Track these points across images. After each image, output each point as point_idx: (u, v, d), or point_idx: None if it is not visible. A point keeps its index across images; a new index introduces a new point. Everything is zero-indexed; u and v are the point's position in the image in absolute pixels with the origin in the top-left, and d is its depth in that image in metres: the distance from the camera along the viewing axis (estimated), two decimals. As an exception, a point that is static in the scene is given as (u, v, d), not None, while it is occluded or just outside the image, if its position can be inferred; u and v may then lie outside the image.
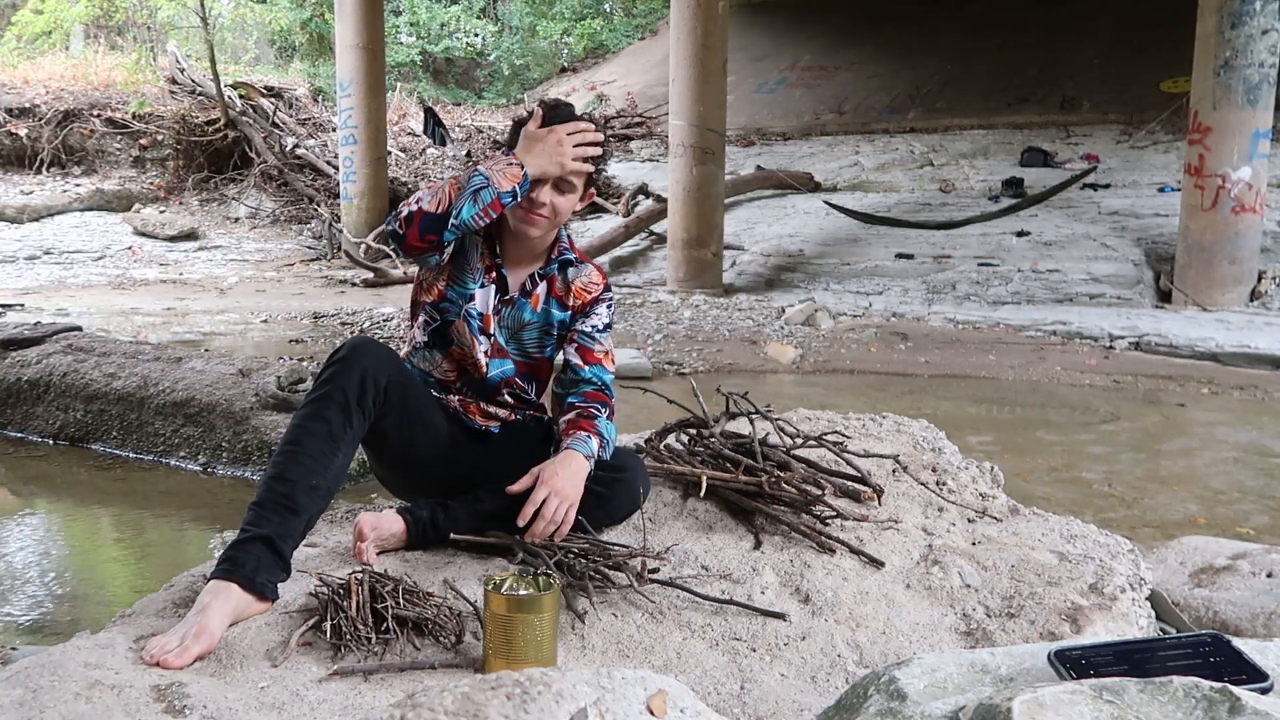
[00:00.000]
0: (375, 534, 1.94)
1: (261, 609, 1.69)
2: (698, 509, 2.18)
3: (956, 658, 1.05)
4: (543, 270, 2.13)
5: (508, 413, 2.17)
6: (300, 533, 1.80)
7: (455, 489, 2.07)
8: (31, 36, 14.20)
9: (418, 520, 1.99)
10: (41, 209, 11.35)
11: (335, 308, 7.86)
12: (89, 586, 2.71)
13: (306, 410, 1.86)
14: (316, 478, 1.79)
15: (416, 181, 11.97)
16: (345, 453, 1.85)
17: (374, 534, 1.94)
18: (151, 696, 1.38)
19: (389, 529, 1.97)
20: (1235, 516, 3.29)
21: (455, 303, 2.09)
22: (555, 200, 2.02)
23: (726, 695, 1.58)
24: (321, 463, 1.80)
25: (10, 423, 4.09)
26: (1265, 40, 7.25)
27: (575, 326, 2.15)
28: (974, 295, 8.17)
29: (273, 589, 1.71)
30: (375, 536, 1.94)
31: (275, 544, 1.72)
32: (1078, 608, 1.80)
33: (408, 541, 1.98)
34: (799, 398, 4.84)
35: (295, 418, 1.86)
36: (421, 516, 2.00)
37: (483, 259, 2.10)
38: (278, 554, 1.73)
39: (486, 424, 2.16)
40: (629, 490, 2.06)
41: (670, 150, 8.86)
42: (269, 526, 1.73)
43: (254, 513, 1.76)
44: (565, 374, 2.16)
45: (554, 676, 0.99)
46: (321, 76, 17.00)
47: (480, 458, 2.10)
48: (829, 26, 15.11)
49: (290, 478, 1.77)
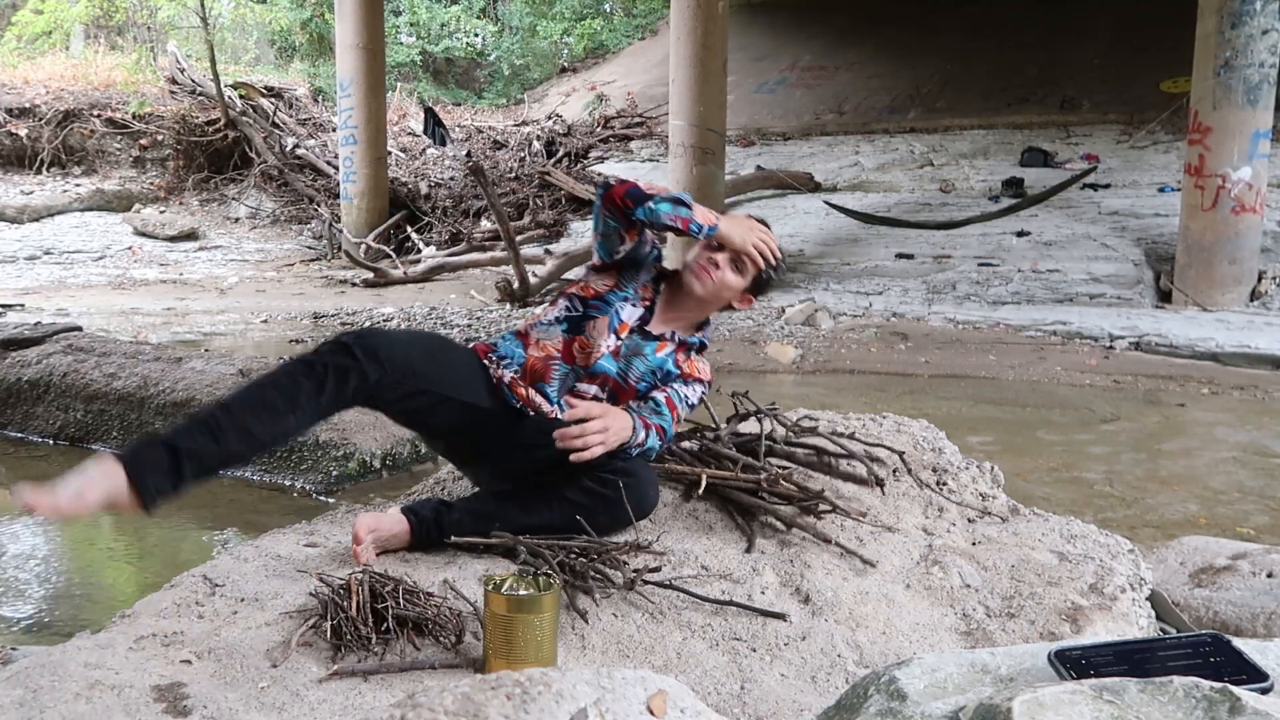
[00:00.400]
0: (374, 535, 1.93)
1: (129, 505, 1.68)
2: (698, 509, 2.18)
3: (957, 658, 1.05)
4: (685, 339, 2.28)
5: (551, 407, 2.15)
6: (211, 464, 1.79)
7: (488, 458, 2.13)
8: (32, 36, 14.21)
9: (421, 520, 1.98)
10: (42, 209, 11.35)
11: (335, 308, 7.87)
12: (89, 586, 2.71)
13: (287, 365, 1.89)
14: (258, 425, 1.79)
15: (416, 182, 11.97)
16: (299, 419, 1.86)
17: (372, 535, 1.92)
18: (151, 697, 1.39)
19: (389, 530, 1.96)
20: (1235, 516, 3.29)
21: (609, 304, 2.21)
22: (727, 272, 2.21)
23: (727, 695, 1.58)
24: (271, 414, 1.81)
25: (10, 423, 4.09)
26: (1265, 40, 7.25)
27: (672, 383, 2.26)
28: (974, 295, 8.17)
29: (152, 497, 1.69)
30: (374, 538, 1.93)
31: (180, 457, 1.71)
32: (1078, 608, 1.80)
33: (411, 542, 1.97)
34: (799, 398, 4.84)
35: (276, 365, 1.91)
36: (425, 516, 1.98)
37: (645, 288, 2.27)
38: (177, 468, 1.71)
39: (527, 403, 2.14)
40: (637, 494, 2.01)
41: (670, 150, 8.86)
42: (183, 439, 1.73)
43: (181, 421, 1.78)
44: None
45: (554, 676, 0.99)
46: (321, 76, 17.00)
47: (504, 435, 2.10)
48: (829, 26, 15.11)
49: (233, 411, 1.78)
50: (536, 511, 1.96)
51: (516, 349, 2.19)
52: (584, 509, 1.96)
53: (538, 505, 1.98)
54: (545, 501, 1.98)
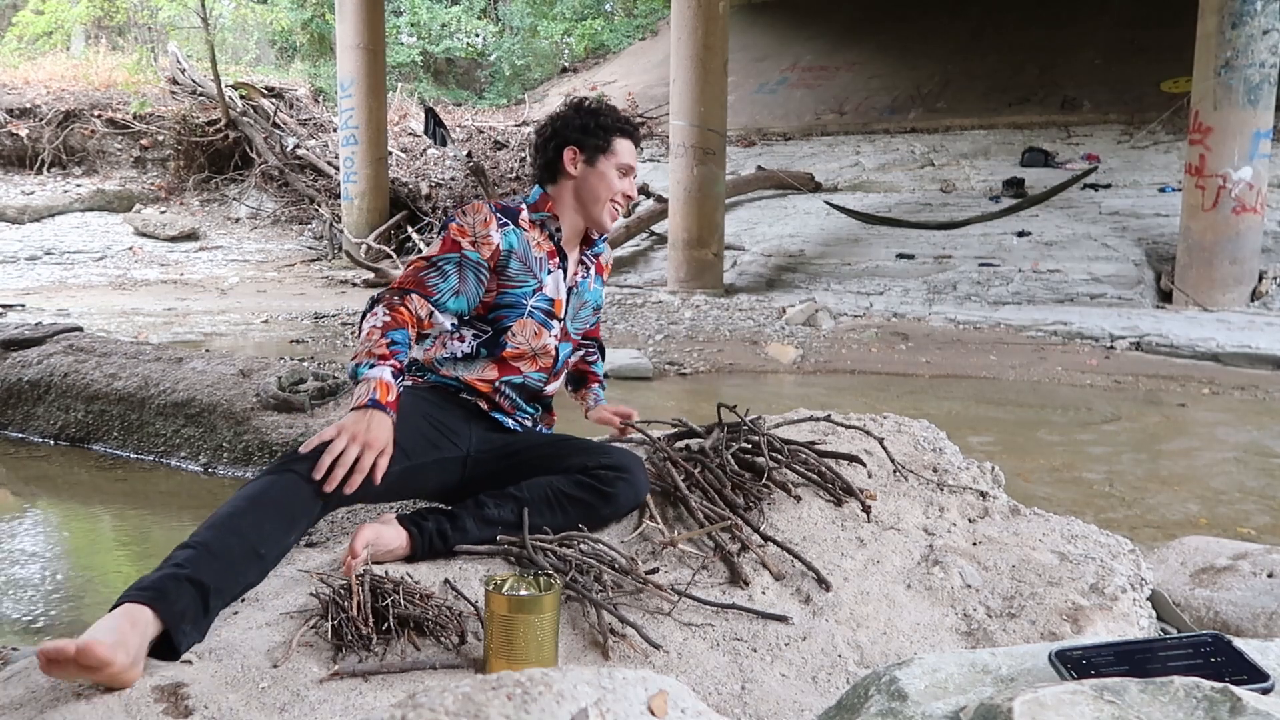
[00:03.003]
0: (371, 550, 1.83)
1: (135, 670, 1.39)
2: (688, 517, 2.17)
3: (957, 658, 1.05)
4: (595, 250, 2.33)
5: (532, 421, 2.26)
6: (228, 599, 1.62)
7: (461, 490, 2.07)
8: (32, 37, 14.23)
9: (423, 532, 1.90)
10: (42, 209, 11.36)
11: (336, 308, 7.87)
12: (89, 586, 2.70)
13: (282, 475, 1.77)
14: (265, 546, 1.68)
15: (417, 182, 11.97)
16: (295, 536, 1.79)
17: (368, 550, 1.82)
18: (152, 697, 1.38)
19: (388, 544, 1.86)
20: (1236, 516, 3.29)
21: (516, 305, 2.16)
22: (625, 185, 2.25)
23: (727, 695, 1.58)
24: (276, 534, 1.71)
25: (11, 423, 4.10)
26: (1266, 40, 7.25)
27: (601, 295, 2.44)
28: (975, 295, 8.17)
29: (185, 647, 1.49)
30: (371, 553, 1.83)
31: (208, 597, 1.54)
32: (1078, 608, 1.80)
33: (410, 554, 1.89)
34: (800, 398, 4.84)
35: (269, 474, 1.77)
36: (427, 528, 1.91)
37: (539, 247, 2.20)
38: (205, 609, 1.54)
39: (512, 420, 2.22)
40: (632, 488, 2.05)
41: (671, 150, 8.87)
42: (209, 575, 1.54)
43: (196, 552, 1.57)
44: None
45: (555, 676, 0.99)
46: (322, 77, 17.02)
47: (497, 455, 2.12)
48: (829, 26, 15.12)
49: (244, 533, 1.65)
50: (539, 512, 1.96)
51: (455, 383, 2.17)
52: (586, 505, 1.98)
53: (540, 506, 1.98)
54: (547, 501, 1.98)
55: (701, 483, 2.14)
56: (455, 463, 2.09)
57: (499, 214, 2.16)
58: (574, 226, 2.25)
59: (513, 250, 2.15)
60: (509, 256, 2.14)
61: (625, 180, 2.24)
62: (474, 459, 2.11)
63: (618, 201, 2.24)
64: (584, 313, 2.32)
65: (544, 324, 2.20)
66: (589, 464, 2.03)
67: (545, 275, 2.20)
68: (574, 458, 2.06)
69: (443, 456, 2.06)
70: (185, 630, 1.49)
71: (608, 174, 2.22)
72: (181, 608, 1.49)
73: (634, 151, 2.29)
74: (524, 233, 2.18)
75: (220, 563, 1.59)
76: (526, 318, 2.17)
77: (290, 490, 1.75)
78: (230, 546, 1.62)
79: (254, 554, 1.66)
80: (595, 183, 2.22)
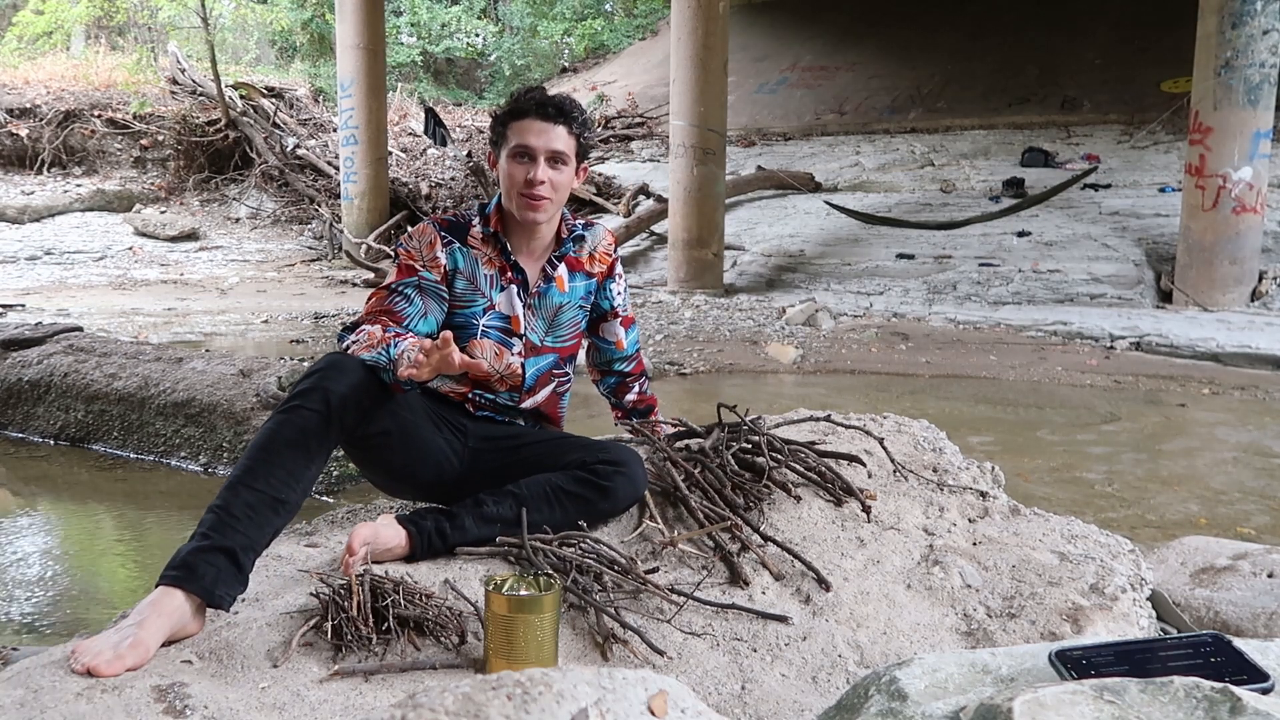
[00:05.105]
0: (369, 549, 1.82)
1: (197, 628, 1.59)
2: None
3: (957, 658, 1.05)
4: (558, 254, 2.19)
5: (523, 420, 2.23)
6: (263, 546, 1.71)
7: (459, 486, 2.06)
8: (32, 37, 14.23)
9: (422, 531, 1.89)
10: (42, 209, 11.36)
11: (336, 308, 7.87)
12: (89, 586, 2.71)
13: (282, 416, 1.78)
14: (287, 490, 1.71)
15: (417, 182, 11.97)
16: (317, 466, 1.79)
17: (366, 549, 1.81)
18: (152, 697, 1.38)
19: (387, 543, 1.85)
20: (1236, 516, 3.29)
21: (467, 326, 2.10)
22: (552, 176, 2.06)
23: (727, 695, 1.58)
24: (295, 475, 1.73)
25: (11, 423, 4.10)
26: (1266, 40, 7.25)
27: (611, 295, 2.28)
28: (975, 295, 8.17)
29: (230, 601, 1.63)
30: (369, 552, 1.82)
31: (238, 556, 1.63)
32: (1078, 608, 1.80)
33: (410, 554, 1.88)
34: (800, 398, 4.84)
35: (270, 422, 1.79)
36: (426, 528, 1.90)
37: (489, 264, 2.12)
38: (238, 566, 1.64)
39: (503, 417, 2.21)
40: (630, 483, 2.05)
41: (671, 150, 8.87)
42: (233, 537, 1.64)
43: (216, 517, 1.66)
44: (606, 344, 2.35)
45: (555, 677, 0.99)
46: (322, 77, 17.02)
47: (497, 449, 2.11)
48: (829, 26, 15.11)
49: (259, 487, 1.69)
50: (538, 509, 1.96)
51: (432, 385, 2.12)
52: (584, 500, 1.98)
53: (538, 503, 1.97)
54: (545, 498, 1.98)
55: (701, 483, 2.14)
56: (456, 446, 2.09)
57: (444, 232, 2.11)
58: (525, 232, 2.13)
59: (458, 269, 2.10)
60: (454, 276, 2.10)
61: (522, 166, 2.05)
62: (474, 450, 2.11)
63: (524, 193, 2.05)
64: (564, 318, 2.20)
65: (503, 343, 2.13)
66: (587, 459, 2.03)
67: (496, 293, 2.12)
68: (573, 454, 2.05)
69: (444, 436, 2.07)
70: (221, 594, 1.61)
71: (508, 165, 2.08)
72: (211, 579, 1.60)
73: (539, 127, 2.06)
74: (471, 250, 2.11)
75: (241, 523, 1.66)
76: (481, 338, 2.11)
77: (301, 427, 1.77)
78: (249, 503, 1.68)
79: (274, 503, 1.71)
80: (503, 179, 2.10)
